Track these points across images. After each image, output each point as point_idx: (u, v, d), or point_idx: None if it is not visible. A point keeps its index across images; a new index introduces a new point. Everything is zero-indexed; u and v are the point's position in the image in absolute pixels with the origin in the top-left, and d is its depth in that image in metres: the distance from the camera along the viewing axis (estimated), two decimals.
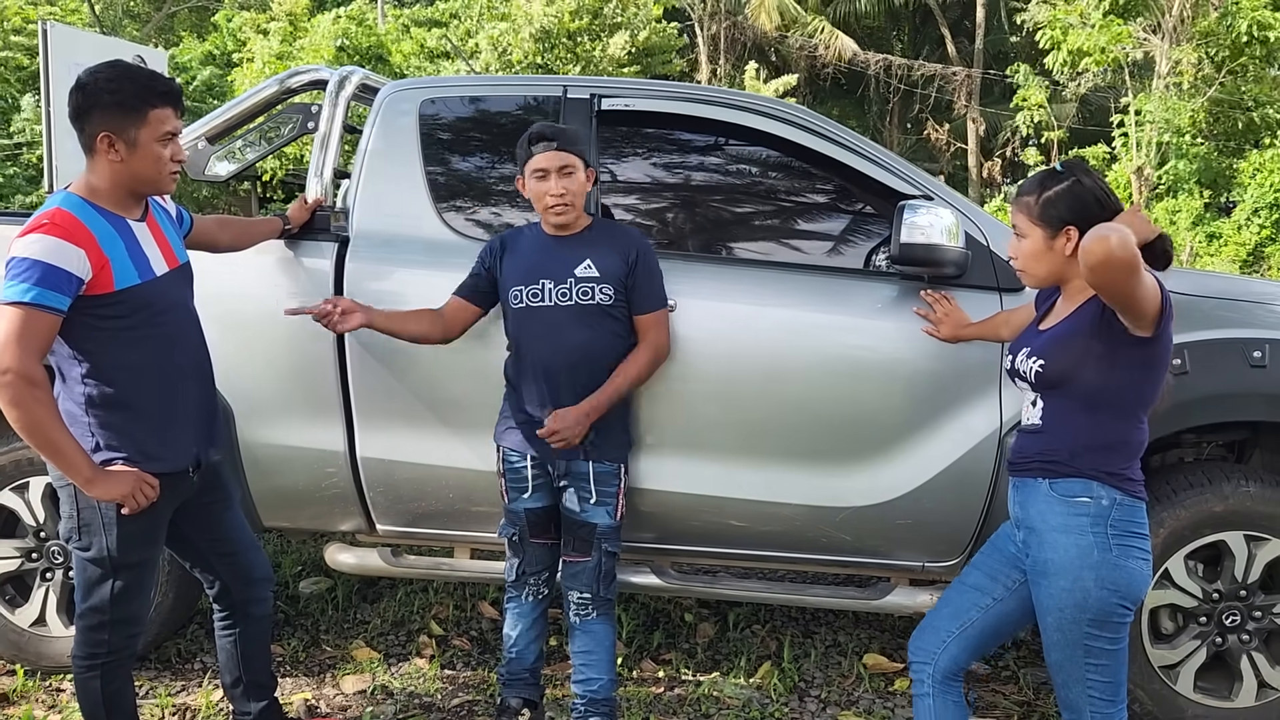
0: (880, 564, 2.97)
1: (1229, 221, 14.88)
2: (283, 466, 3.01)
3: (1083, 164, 2.11)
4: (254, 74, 14.38)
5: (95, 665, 2.34)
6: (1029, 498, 2.11)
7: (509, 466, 2.73)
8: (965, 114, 22.49)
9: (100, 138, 2.14)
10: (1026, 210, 2.09)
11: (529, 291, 2.62)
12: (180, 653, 3.38)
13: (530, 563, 2.78)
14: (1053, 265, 2.09)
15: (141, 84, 2.17)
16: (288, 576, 4.09)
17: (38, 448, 2.13)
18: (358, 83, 3.19)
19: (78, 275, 2.09)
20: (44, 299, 2.05)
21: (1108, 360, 2.00)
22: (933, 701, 2.26)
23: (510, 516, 2.76)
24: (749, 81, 18.20)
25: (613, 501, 2.68)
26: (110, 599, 2.30)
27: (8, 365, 2.03)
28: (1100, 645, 2.02)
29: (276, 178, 13.86)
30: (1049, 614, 2.05)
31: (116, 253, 2.17)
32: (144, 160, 2.18)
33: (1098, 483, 2.01)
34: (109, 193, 2.20)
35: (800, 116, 2.98)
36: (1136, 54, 15.17)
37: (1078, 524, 2.01)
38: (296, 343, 2.93)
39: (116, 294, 2.16)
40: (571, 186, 2.58)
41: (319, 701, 3.08)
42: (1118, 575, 1.98)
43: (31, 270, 2.04)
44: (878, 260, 2.98)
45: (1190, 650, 2.84)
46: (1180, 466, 2.96)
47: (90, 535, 2.27)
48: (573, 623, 2.74)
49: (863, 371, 2.80)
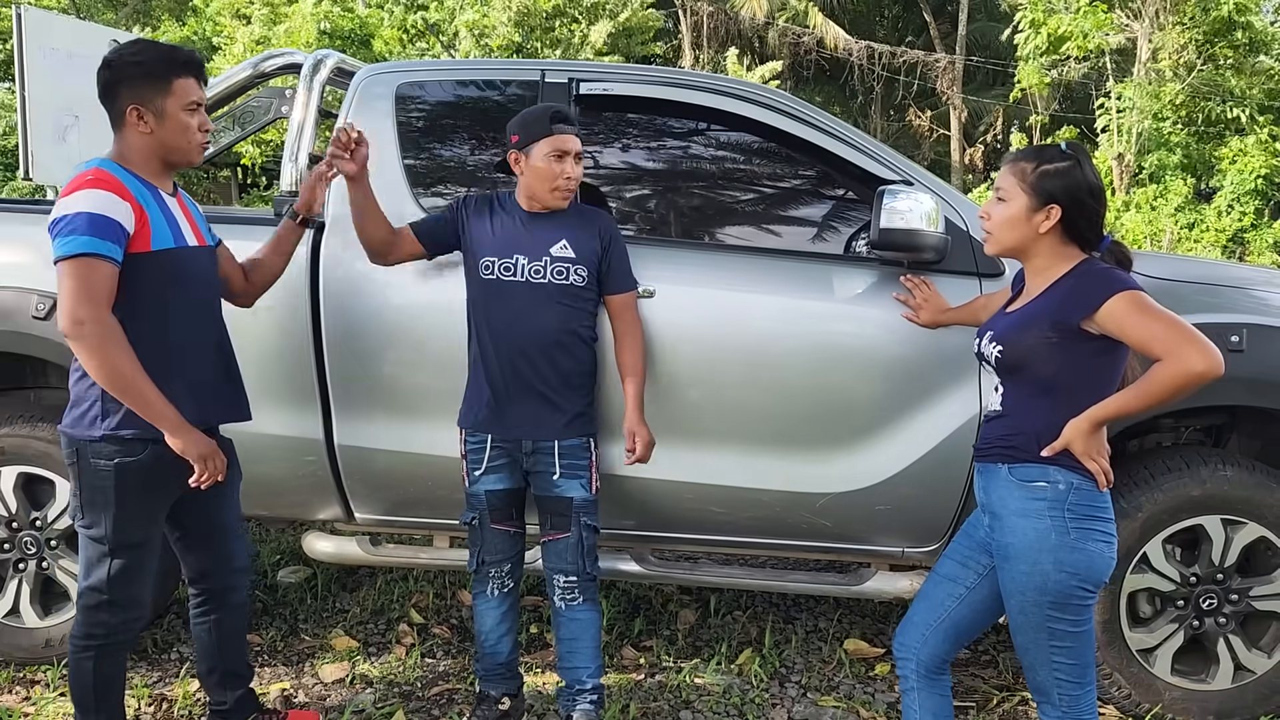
0: (860, 550, 2.97)
1: (1210, 208, 14.97)
2: (260, 454, 2.97)
3: (1085, 151, 2.09)
4: (235, 60, 14.23)
5: (91, 646, 2.33)
6: (991, 482, 2.11)
7: (470, 448, 2.71)
8: (948, 101, 22.50)
9: (130, 110, 2.20)
10: (1019, 175, 2.04)
11: (501, 264, 2.60)
12: (157, 643, 3.35)
13: (490, 550, 2.73)
14: (1023, 237, 2.06)
15: (164, 55, 2.23)
16: (266, 565, 4.06)
17: (122, 396, 2.16)
18: (332, 66, 3.16)
19: (124, 226, 2.14)
20: (98, 248, 2.09)
21: (1063, 349, 1.99)
22: (919, 695, 2.25)
23: (470, 500, 2.73)
24: (731, 67, 18.12)
25: (586, 474, 2.67)
26: (109, 578, 2.30)
27: (81, 317, 2.08)
28: (1063, 628, 2.01)
29: (257, 164, 13.74)
30: (1011, 597, 2.05)
31: (154, 213, 2.22)
32: (172, 130, 2.23)
33: (1055, 467, 2.00)
34: (141, 164, 2.25)
35: (780, 101, 2.96)
36: (1118, 39, 15.20)
37: (1035, 508, 2.01)
38: (273, 330, 2.90)
39: (153, 254, 2.20)
40: (579, 173, 2.61)
41: (298, 691, 3.07)
42: (1076, 558, 1.97)
43: (81, 223, 2.08)
44: (857, 245, 2.97)
45: (1168, 634, 2.86)
46: (1158, 451, 2.97)
47: (94, 512, 2.27)
48: (558, 608, 2.72)
49: (842, 357, 2.79)
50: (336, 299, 2.87)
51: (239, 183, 15.84)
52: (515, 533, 2.77)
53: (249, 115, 3.35)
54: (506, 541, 2.75)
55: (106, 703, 2.40)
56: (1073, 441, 1.97)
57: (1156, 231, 14.41)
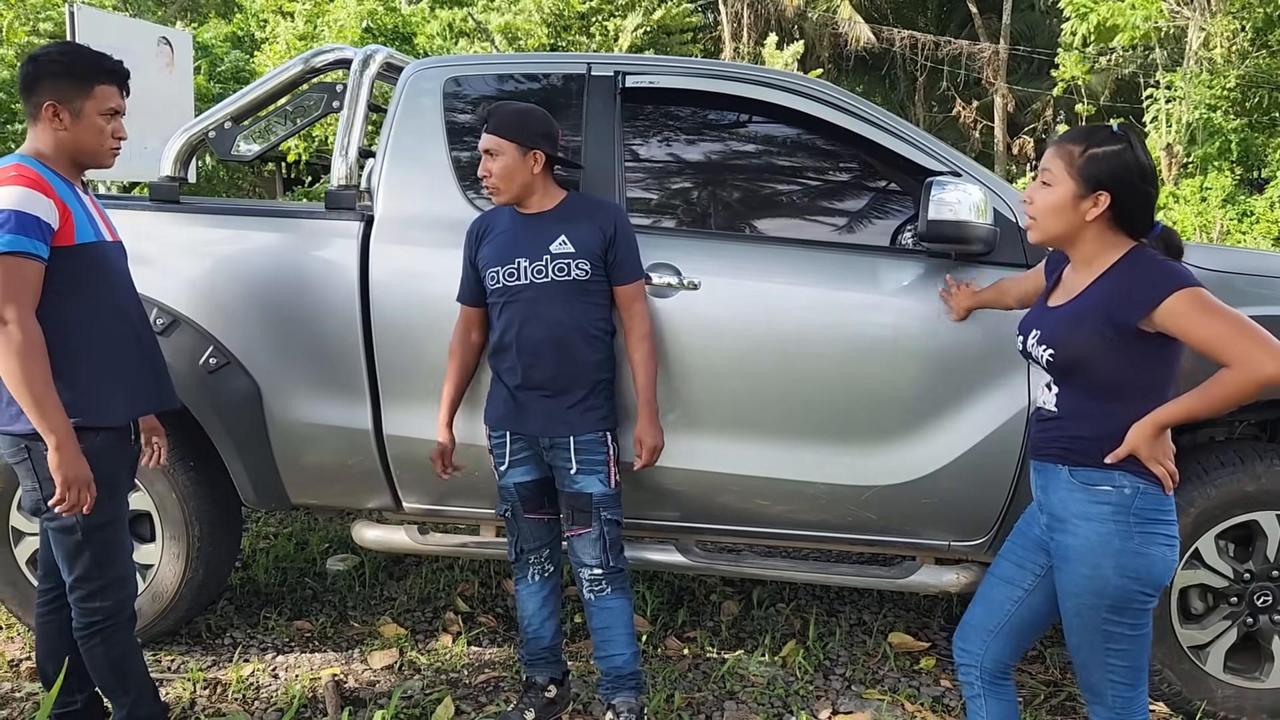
0: (905, 543, 2.96)
1: (1261, 199, 14.63)
2: (310, 444, 3.03)
3: (1137, 133, 1.97)
4: (277, 56, 14.40)
5: (95, 632, 2.39)
6: (1050, 482, 2.03)
7: (494, 443, 2.76)
8: (993, 91, 22.21)
9: (46, 106, 2.25)
10: (1067, 158, 1.93)
11: (505, 271, 2.63)
12: (210, 628, 3.42)
13: (527, 538, 2.79)
14: (1069, 225, 1.95)
15: (90, 61, 2.29)
16: (315, 554, 4.13)
17: (22, 399, 2.14)
18: (382, 62, 3.19)
19: (49, 223, 2.18)
20: (24, 245, 2.13)
21: (1120, 349, 1.90)
22: (985, 702, 2.20)
23: (503, 493, 2.78)
24: (768, 55, 18.03)
25: (604, 469, 2.68)
26: (92, 564, 2.34)
27: (5, 316, 2.10)
28: (1120, 631, 1.95)
29: (302, 159, 13.91)
30: (1068, 599, 1.99)
31: (75, 209, 2.27)
32: (87, 130, 2.28)
33: (1119, 471, 1.92)
34: (54, 159, 2.30)
35: (827, 92, 2.95)
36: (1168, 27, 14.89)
37: (1099, 511, 1.93)
38: (322, 321, 2.94)
39: (76, 248, 2.25)
40: (493, 168, 2.59)
41: (348, 676, 3.12)
42: (1138, 563, 1.90)
43: (7, 220, 2.11)
44: (904, 238, 2.96)
45: (1220, 630, 2.82)
46: (1211, 445, 2.93)
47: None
48: (588, 600, 2.75)
49: (889, 350, 2.78)
50: (385, 291, 2.91)
51: (283, 177, 16.06)
52: (550, 520, 2.81)
53: (301, 110, 3.40)
54: (542, 529, 2.80)
55: (131, 679, 2.46)
56: (1138, 446, 1.89)
57: (1206, 223, 14.12)
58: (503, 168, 2.59)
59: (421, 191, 2.99)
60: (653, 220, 3.02)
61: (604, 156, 2.92)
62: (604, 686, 2.77)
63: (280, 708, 2.93)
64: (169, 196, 3.19)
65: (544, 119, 2.64)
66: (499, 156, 2.59)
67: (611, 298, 2.70)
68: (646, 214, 3.02)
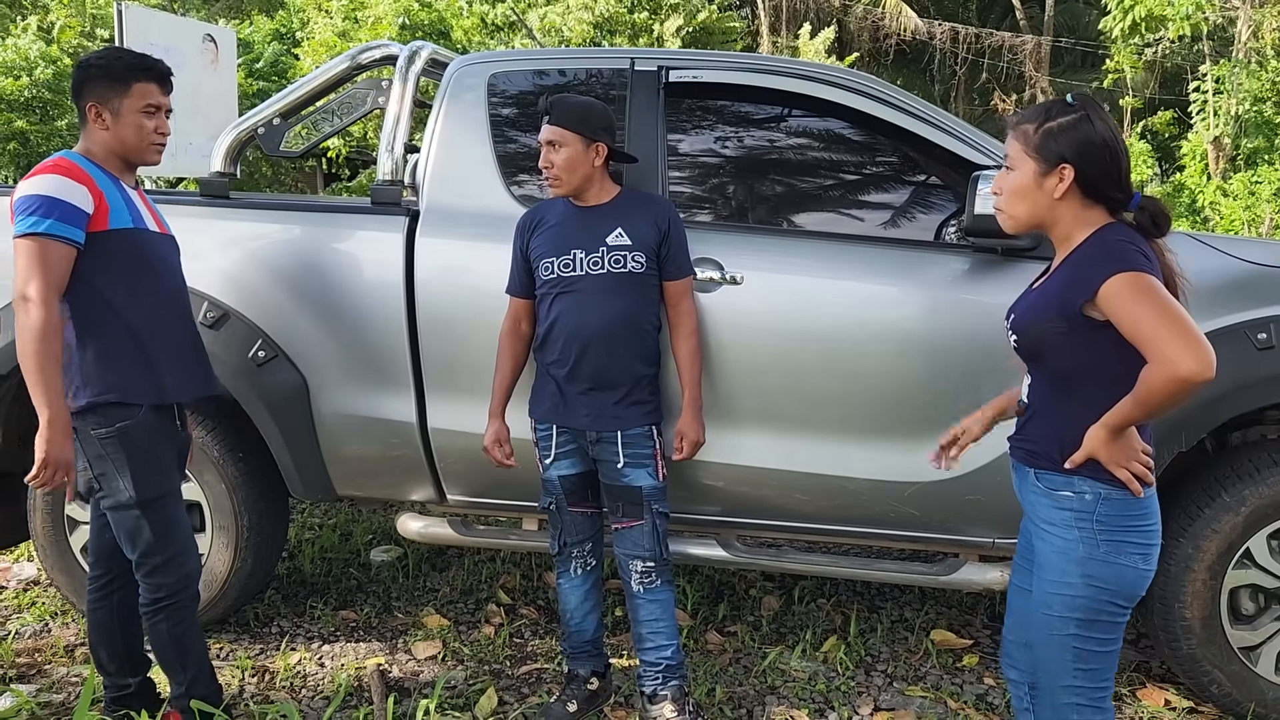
0: (949, 539, 2.94)
1: None
2: (355, 437, 3.07)
3: (1095, 102, 1.82)
4: (316, 51, 14.53)
5: (160, 608, 2.47)
6: (1022, 484, 1.97)
7: (539, 436, 2.77)
8: (1034, 84, 21.90)
9: (89, 107, 2.36)
10: (1023, 138, 1.82)
11: (561, 262, 2.64)
12: (258, 616, 3.48)
13: (570, 532, 2.80)
14: (1036, 207, 1.83)
15: (129, 61, 2.39)
16: (359, 545, 4.18)
17: (31, 378, 2.21)
18: (427, 58, 3.22)
19: (83, 209, 2.26)
20: (57, 230, 2.22)
21: (1075, 339, 1.79)
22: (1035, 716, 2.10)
23: (547, 486, 2.79)
24: (802, 44, 17.95)
25: (651, 463, 2.69)
26: (154, 539, 2.42)
27: (29, 294, 2.19)
28: (1089, 649, 1.84)
29: (342, 155, 14.03)
30: (1038, 608, 1.89)
31: (112, 197, 2.35)
32: (127, 127, 2.37)
33: (1079, 476, 1.82)
34: (102, 158, 2.40)
35: (870, 86, 2.93)
36: (1216, 18, 14.60)
37: (1062, 518, 1.84)
38: (368, 315, 2.98)
39: (110, 232, 2.32)
40: (556, 159, 2.60)
41: (392, 666, 3.16)
42: (1107, 572, 1.80)
43: (41, 204, 2.22)
44: (949, 232, 2.94)
45: (1272, 632, 2.77)
46: (1263, 444, 2.88)
47: (108, 483, 2.39)
48: (636, 592, 2.76)
49: (933, 346, 2.76)
50: (429, 286, 2.94)
51: (324, 172, 16.21)
52: (593, 513, 2.82)
53: (347, 106, 3.44)
54: (585, 522, 2.81)
55: (191, 656, 2.54)
56: (1095, 450, 1.77)
57: (1255, 218, 13.84)
58: (566, 159, 2.60)
59: (466, 186, 3.01)
60: (695, 215, 3.02)
61: (648, 151, 2.93)
62: (648, 679, 2.78)
63: (327, 696, 2.97)
64: (219, 192, 3.25)
65: (605, 112, 2.66)
66: (562, 148, 2.60)
67: (661, 293, 2.71)
68: (689, 209, 3.02)
